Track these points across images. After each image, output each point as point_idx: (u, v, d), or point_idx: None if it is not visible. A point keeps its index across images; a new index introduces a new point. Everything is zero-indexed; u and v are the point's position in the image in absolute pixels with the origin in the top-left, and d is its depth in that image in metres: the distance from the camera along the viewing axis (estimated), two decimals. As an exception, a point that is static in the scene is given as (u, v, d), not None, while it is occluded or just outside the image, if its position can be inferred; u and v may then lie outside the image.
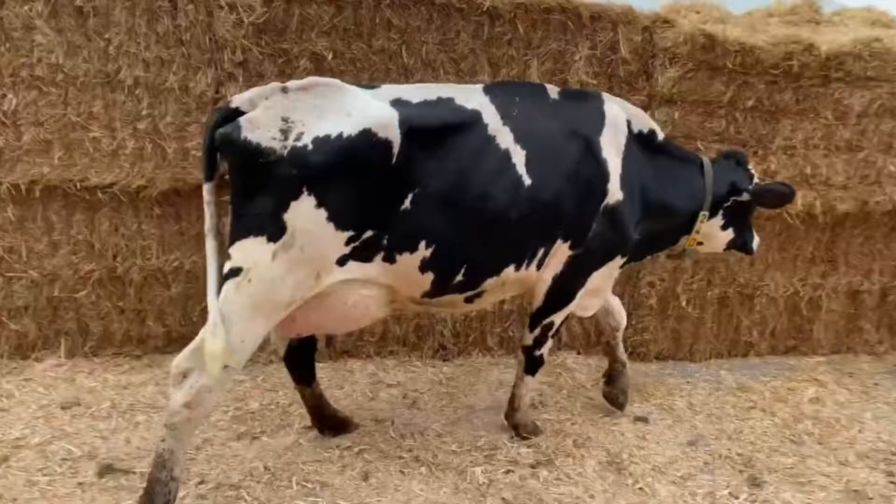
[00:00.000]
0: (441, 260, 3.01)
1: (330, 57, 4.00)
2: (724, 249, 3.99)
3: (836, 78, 4.28)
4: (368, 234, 2.84)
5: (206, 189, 2.75)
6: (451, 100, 3.04)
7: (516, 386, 3.72)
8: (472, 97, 3.09)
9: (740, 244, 3.95)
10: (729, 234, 3.86)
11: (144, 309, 4.28)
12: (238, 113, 2.69)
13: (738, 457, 3.68)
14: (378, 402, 4.02)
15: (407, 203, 2.87)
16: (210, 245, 2.75)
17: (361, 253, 2.86)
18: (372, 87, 2.96)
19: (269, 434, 3.61)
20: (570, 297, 3.49)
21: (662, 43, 4.16)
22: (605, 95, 3.46)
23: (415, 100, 2.95)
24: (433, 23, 4.07)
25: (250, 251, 2.67)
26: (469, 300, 3.29)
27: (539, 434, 3.73)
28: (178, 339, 4.34)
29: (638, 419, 4.03)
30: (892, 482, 3.53)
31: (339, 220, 2.75)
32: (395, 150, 2.80)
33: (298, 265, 2.72)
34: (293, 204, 2.66)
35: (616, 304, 3.99)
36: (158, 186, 4.03)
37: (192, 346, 2.69)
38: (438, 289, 3.11)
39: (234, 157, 2.68)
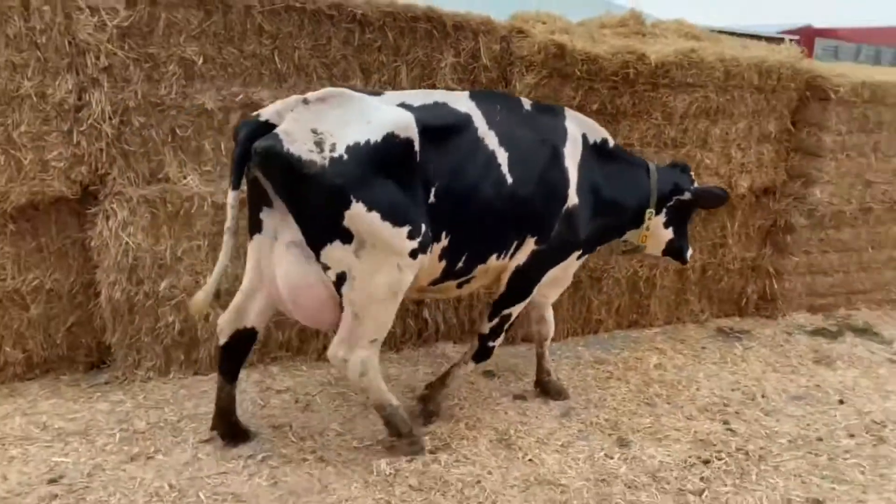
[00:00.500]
0: (452, 249, 3.37)
1: (200, 62, 3.90)
2: (662, 254, 4.45)
3: (664, 84, 4.88)
4: (423, 227, 3.14)
5: (233, 196, 3.00)
6: (445, 104, 3.35)
7: (457, 366, 3.99)
8: (460, 102, 3.43)
9: (676, 248, 4.41)
10: (669, 233, 4.32)
11: (0, 334, 3.91)
12: (269, 125, 2.89)
13: (606, 422, 4.14)
14: (271, 409, 4.01)
15: (432, 197, 3.19)
16: (228, 243, 3.07)
17: (423, 245, 3.17)
18: (377, 94, 3.23)
19: (165, 452, 3.50)
20: (528, 290, 3.86)
21: (519, 52, 4.51)
22: (567, 111, 3.89)
23: (416, 103, 3.24)
24: (304, 29, 4.10)
25: (337, 257, 3.03)
26: (460, 286, 3.64)
27: (438, 418, 3.98)
28: (40, 365, 4.03)
29: (517, 397, 4.38)
30: (728, 429, 4.16)
31: (392, 218, 3.02)
32: (417, 148, 3.09)
33: (383, 259, 3.05)
34: (346, 213, 2.94)
35: (550, 315, 4.34)
36: (13, 200, 3.71)
37: (337, 338, 3.21)
38: (445, 276, 3.47)
39: (278, 169, 2.87)
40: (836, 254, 6.19)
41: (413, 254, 3.13)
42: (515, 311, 3.91)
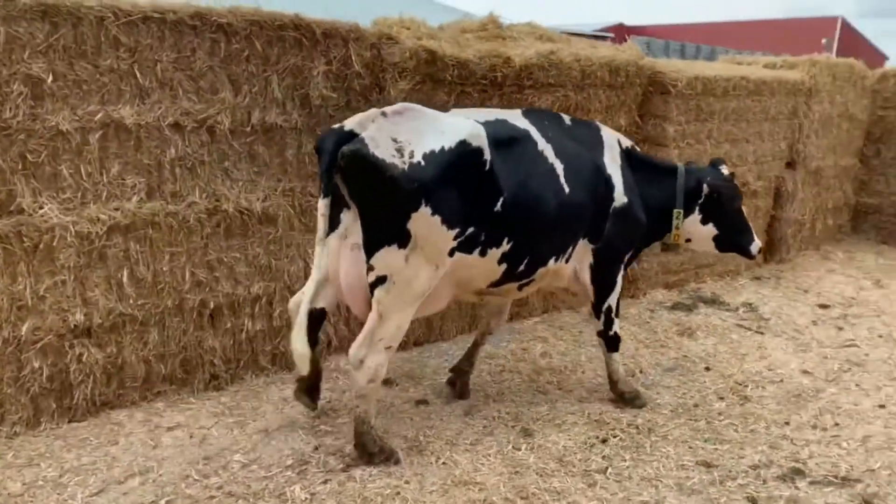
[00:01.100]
0: (513, 253, 3.66)
1: (50, 79, 3.52)
2: (721, 251, 4.59)
3: (528, 85, 5.08)
4: (471, 230, 3.43)
5: (325, 203, 3.24)
6: (505, 120, 3.71)
7: (608, 365, 4.44)
8: (517, 119, 3.79)
9: (733, 243, 4.52)
10: (711, 229, 4.48)
11: None
12: (352, 134, 3.14)
13: (508, 415, 4.25)
14: (164, 449, 3.72)
15: (499, 206, 3.48)
16: (320, 253, 3.32)
17: (464, 246, 3.45)
18: (445, 112, 3.54)
19: (50, 514, 3.13)
20: (612, 284, 4.24)
21: (390, 58, 4.49)
22: (599, 123, 4.27)
23: (481, 119, 3.54)
24: (166, 40, 3.83)
25: (388, 259, 3.24)
26: (521, 288, 3.95)
27: (640, 399, 4.41)
28: None
29: (419, 402, 4.38)
30: (618, 407, 4.41)
31: (449, 221, 3.31)
32: (486, 157, 3.38)
33: (425, 263, 3.31)
34: (414, 215, 3.18)
35: (506, 311, 4.59)
36: None
37: (361, 337, 3.37)
38: (506, 278, 3.76)
39: (363, 171, 3.12)
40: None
41: (451, 252, 3.43)
42: (612, 301, 4.29)
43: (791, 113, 7.49)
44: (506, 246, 3.61)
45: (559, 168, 3.77)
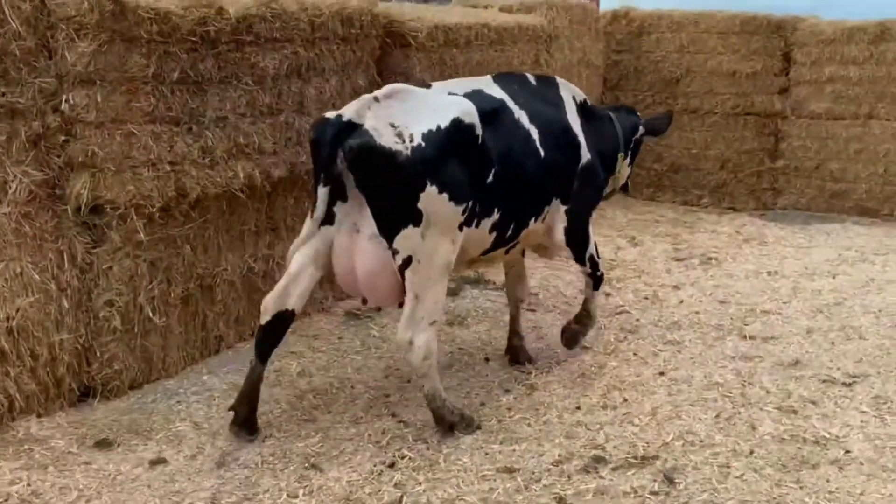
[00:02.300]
0: (502, 221, 4.47)
1: None
2: (623, 190, 5.97)
3: (249, 41, 4.97)
4: (469, 203, 4.12)
5: (325, 191, 3.98)
6: (481, 90, 4.47)
7: (587, 301, 5.43)
8: (490, 87, 4.57)
9: (625, 183, 5.82)
10: (628, 169, 5.68)
11: None
12: (352, 124, 3.83)
13: (273, 457, 4.21)
14: None
15: (491, 177, 4.24)
16: (315, 232, 4.13)
17: (468, 220, 4.18)
18: (427, 86, 4.49)
19: None
20: (587, 238, 5.19)
21: (62, 11, 4.10)
22: (557, 78, 5.26)
23: (460, 92, 4.31)
24: None
25: (408, 241, 3.97)
26: (507, 251, 4.85)
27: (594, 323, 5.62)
28: None
29: (154, 463, 4.13)
30: (400, 422, 4.61)
31: (455, 198, 4.02)
32: (478, 132, 4.10)
33: (440, 237, 4.04)
34: (422, 195, 3.89)
35: (525, 273, 5.48)
36: None
37: (404, 320, 4.13)
38: (495, 245, 4.60)
39: (370, 162, 3.83)
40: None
41: (461, 227, 4.15)
42: (592, 248, 5.26)
43: (534, 62, 8.29)
44: (496, 215, 4.41)
45: (534, 133, 4.59)
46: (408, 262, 4.02)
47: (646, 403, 4.87)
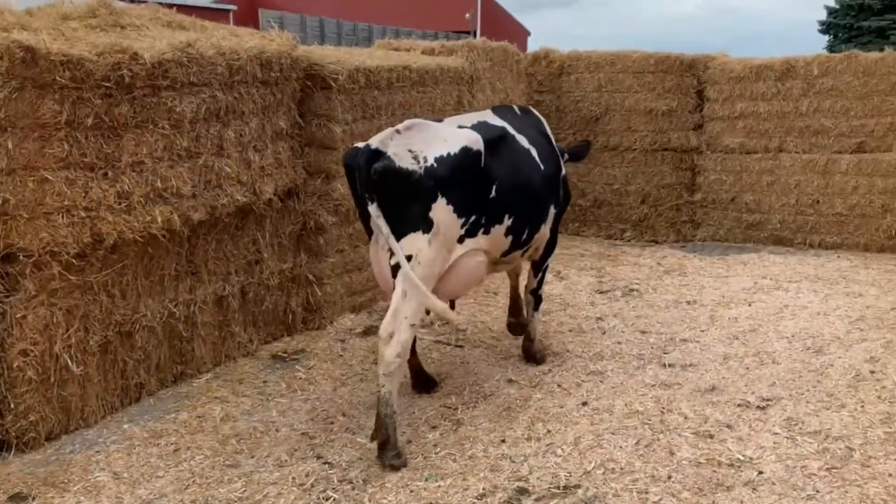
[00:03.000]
0: (515, 226, 5.29)
1: None
2: None
3: (166, 86, 4.98)
4: (473, 217, 4.92)
5: (376, 207, 4.56)
6: (485, 122, 5.32)
7: (530, 323, 6.25)
8: (492, 118, 5.48)
9: None
10: None
11: None
12: (378, 152, 4.53)
13: (202, 500, 4.17)
14: None
15: (493, 192, 5.03)
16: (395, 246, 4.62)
17: (470, 231, 4.94)
18: (440, 120, 5.20)
19: None
20: (555, 244, 6.12)
21: (-32, 59, 4.06)
22: (531, 108, 6.48)
23: (468, 124, 5.11)
24: None
25: (414, 243, 4.64)
26: (523, 253, 5.73)
27: (544, 360, 6.24)
28: None
29: None
30: (325, 463, 4.61)
31: (459, 211, 4.79)
32: (483, 158, 4.90)
33: (441, 246, 4.74)
34: (433, 205, 4.64)
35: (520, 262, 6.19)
36: None
37: (389, 315, 4.62)
38: (512, 247, 5.41)
39: (394, 179, 4.55)
40: (365, 246, 7.22)
41: (461, 239, 4.91)
42: (550, 261, 6.19)
43: (456, 103, 8.47)
44: (508, 221, 5.20)
45: (534, 152, 5.53)
46: (409, 259, 4.62)
47: (569, 433, 4.96)
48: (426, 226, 4.65)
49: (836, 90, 9.74)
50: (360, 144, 4.67)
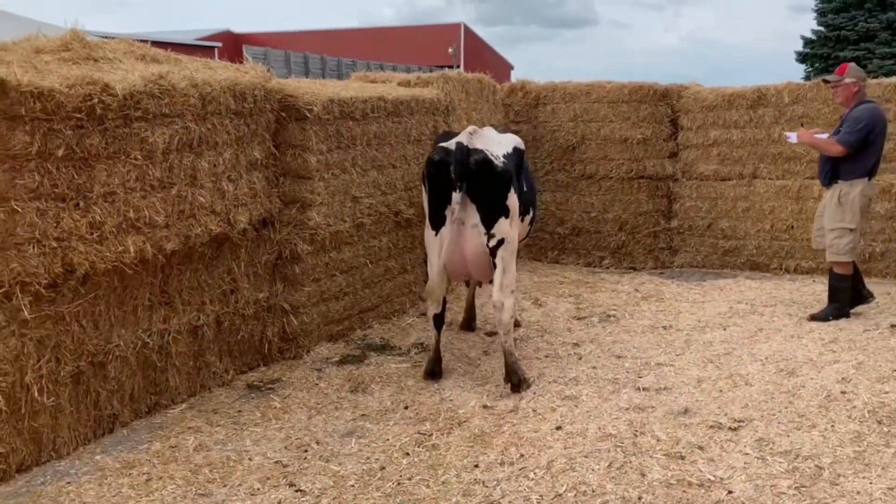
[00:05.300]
0: (532, 218, 6.75)
1: None
2: None
3: (137, 117, 5.02)
4: (520, 206, 6.15)
5: (460, 195, 5.71)
6: (505, 132, 6.88)
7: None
8: (502, 131, 7.05)
9: None
10: None
11: None
12: (471, 148, 5.72)
13: (165, 534, 4.14)
14: None
15: (525, 187, 6.38)
16: (455, 231, 5.90)
17: (521, 214, 6.24)
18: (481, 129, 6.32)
19: None
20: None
21: (-61, 91, 4.10)
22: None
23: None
24: None
25: (502, 227, 5.91)
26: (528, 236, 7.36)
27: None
28: None
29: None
30: (298, 491, 4.59)
31: (518, 197, 6.03)
32: (525, 157, 6.48)
33: (515, 226, 6.08)
34: (508, 195, 5.90)
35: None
36: None
37: (497, 287, 6.03)
38: (528, 234, 6.86)
39: (489, 171, 5.75)
40: (341, 275, 7.27)
41: (521, 219, 6.28)
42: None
43: (432, 133, 8.56)
44: (530, 213, 6.62)
45: (527, 160, 6.90)
46: (500, 242, 5.92)
47: (542, 457, 4.97)
48: (506, 211, 5.88)
49: (807, 117, 9.90)
50: (447, 144, 5.80)
